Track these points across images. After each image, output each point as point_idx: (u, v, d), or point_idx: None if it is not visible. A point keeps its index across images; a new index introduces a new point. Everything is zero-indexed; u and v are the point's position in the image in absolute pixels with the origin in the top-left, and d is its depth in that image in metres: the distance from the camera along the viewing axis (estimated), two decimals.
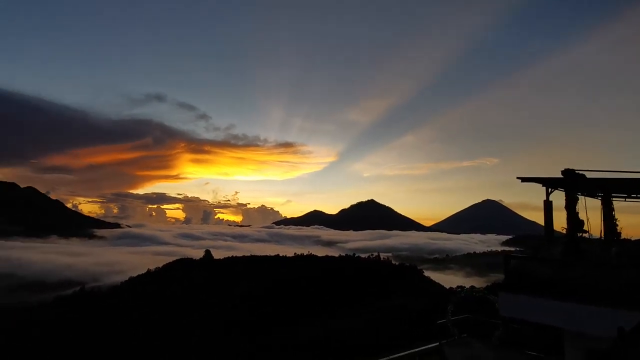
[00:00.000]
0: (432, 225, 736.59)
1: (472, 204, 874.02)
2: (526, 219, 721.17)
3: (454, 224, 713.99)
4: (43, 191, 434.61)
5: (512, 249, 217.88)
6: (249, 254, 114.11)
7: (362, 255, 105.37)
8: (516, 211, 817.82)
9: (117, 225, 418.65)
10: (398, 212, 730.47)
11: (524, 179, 10.71)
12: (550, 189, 10.50)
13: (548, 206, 10.52)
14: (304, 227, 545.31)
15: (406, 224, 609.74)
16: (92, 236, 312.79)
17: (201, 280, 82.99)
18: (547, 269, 9.49)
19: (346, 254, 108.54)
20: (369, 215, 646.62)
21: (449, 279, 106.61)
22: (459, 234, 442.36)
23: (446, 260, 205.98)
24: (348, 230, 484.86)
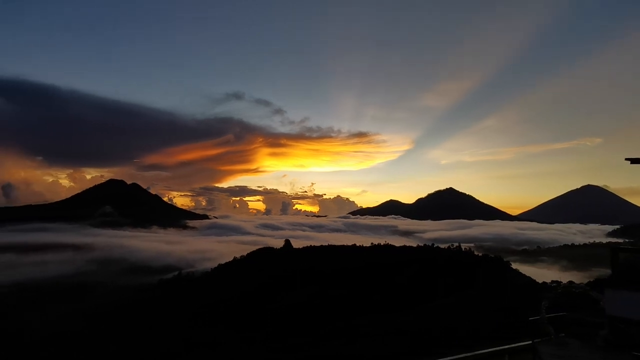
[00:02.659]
0: (520, 214, 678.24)
1: (568, 190, 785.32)
2: (637, 207, 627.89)
3: (547, 213, 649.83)
4: (144, 187, 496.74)
5: (620, 240, 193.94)
6: (327, 244, 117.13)
7: (442, 246, 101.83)
8: (625, 198, 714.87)
9: (206, 217, 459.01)
10: (480, 200, 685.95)
11: (634, 160, 9.57)
12: None
13: None
14: (380, 217, 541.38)
15: (489, 213, 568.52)
16: (185, 226, 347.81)
17: (282, 268, 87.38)
18: None
19: (424, 244, 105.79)
20: (448, 204, 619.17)
21: (541, 273, 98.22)
22: (553, 223, 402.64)
23: (537, 253, 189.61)
24: (426, 220, 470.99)
